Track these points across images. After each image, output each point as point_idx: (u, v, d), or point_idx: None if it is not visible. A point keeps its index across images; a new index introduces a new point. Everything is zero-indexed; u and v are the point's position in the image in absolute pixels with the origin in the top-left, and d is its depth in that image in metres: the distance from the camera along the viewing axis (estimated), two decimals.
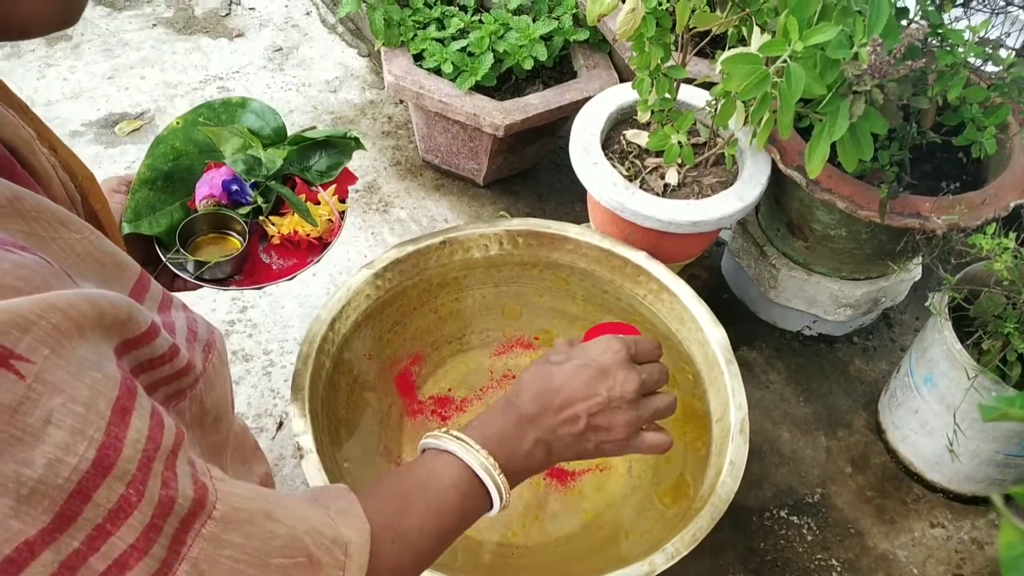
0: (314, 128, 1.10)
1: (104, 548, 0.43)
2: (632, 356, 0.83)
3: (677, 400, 0.87)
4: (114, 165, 2.14)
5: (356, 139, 1.08)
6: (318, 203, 1.06)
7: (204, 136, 1.04)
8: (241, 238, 1.03)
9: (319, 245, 1.06)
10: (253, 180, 1.04)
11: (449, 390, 1.56)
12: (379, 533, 0.61)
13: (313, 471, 1.24)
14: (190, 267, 0.98)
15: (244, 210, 1.04)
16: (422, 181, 2.17)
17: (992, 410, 0.47)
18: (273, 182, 1.05)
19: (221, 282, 1.01)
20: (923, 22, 1.39)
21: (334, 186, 1.08)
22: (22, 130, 0.56)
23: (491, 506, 0.72)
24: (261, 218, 1.05)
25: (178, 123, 1.05)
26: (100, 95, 2.31)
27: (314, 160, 1.09)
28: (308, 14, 2.63)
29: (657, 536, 1.32)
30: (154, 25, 2.55)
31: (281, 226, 1.05)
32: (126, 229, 0.93)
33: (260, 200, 1.05)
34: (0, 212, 0.47)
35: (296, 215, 1.04)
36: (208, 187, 1.01)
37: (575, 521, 1.42)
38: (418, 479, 0.69)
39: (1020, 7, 1.46)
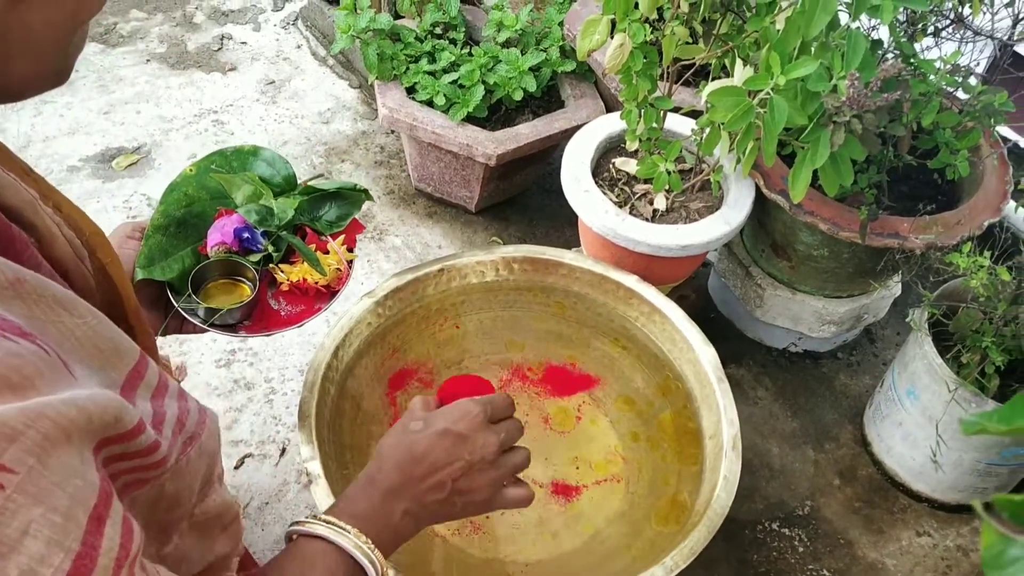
0: (321, 177, 1.14)
1: None
2: (488, 417, 0.86)
3: (530, 455, 0.91)
4: (112, 199, 2.19)
5: (365, 191, 1.11)
6: (327, 252, 1.09)
7: (216, 183, 1.07)
8: (251, 285, 1.05)
9: (327, 293, 1.09)
10: (265, 229, 1.07)
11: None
12: None
13: (322, 495, 1.28)
14: (201, 313, 1.01)
15: (255, 257, 1.06)
16: (415, 209, 2.23)
17: (973, 425, 0.50)
18: (285, 232, 1.08)
19: (231, 327, 1.04)
20: (897, 55, 1.46)
21: (343, 236, 1.11)
22: (24, 192, 0.57)
23: None
24: (271, 266, 1.08)
25: (191, 170, 1.08)
26: (96, 130, 2.36)
27: (324, 211, 1.11)
28: (299, 47, 2.68)
29: (656, 550, 1.36)
30: (148, 60, 2.60)
31: (291, 274, 1.07)
32: (139, 275, 0.95)
33: (271, 248, 1.07)
34: (1, 294, 0.48)
35: (305, 264, 1.07)
36: (220, 234, 1.03)
37: (577, 539, 1.47)
38: (294, 570, 0.70)
39: (988, 36, 1.53)
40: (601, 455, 1.55)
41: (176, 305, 0.98)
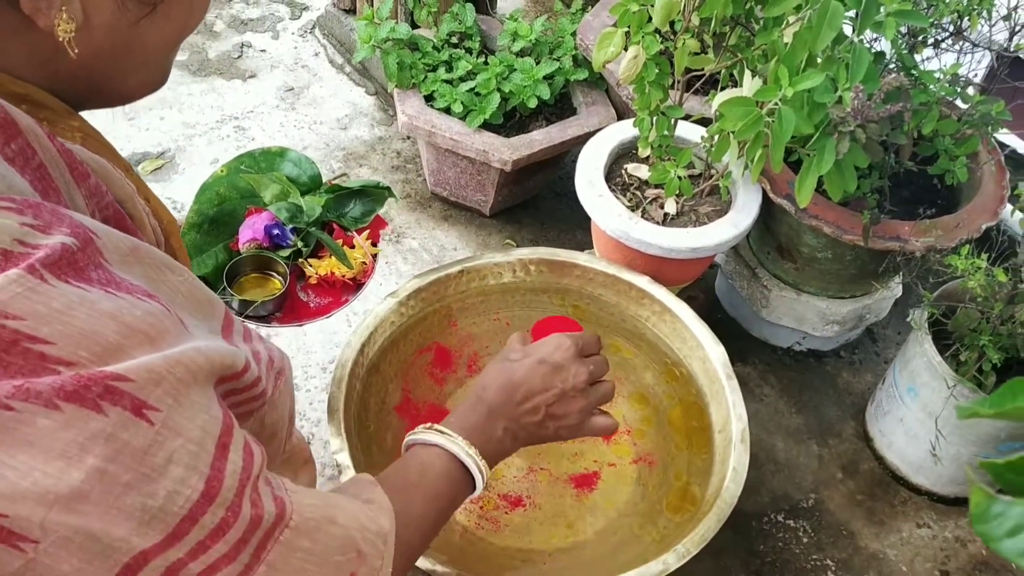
0: (344, 176, 1.20)
1: (203, 557, 0.51)
2: (579, 351, 0.96)
3: (614, 387, 1.01)
4: None
5: (388, 188, 1.17)
6: (352, 247, 1.15)
7: (246, 183, 1.13)
8: (282, 279, 1.11)
9: (353, 285, 1.15)
10: (294, 226, 1.12)
11: None
12: (398, 520, 0.71)
13: None
14: (236, 305, 1.06)
15: (285, 252, 1.12)
16: (431, 212, 2.29)
17: (966, 410, 0.56)
18: (313, 228, 1.14)
19: (264, 319, 1.10)
20: (899, 66, 1.52)
21: (367, 231, 1.17)
22: (128, 186, 0.65)
23: (474, 488, 0.84)
24: (300, 260, 1.14)
25: (222, 171, 1.14)
26: (122, 136, 2.43)
27: (350, 207, 1.18)
28: (317, 55, 2.75)
29: (667, 539, 1.43)
30: None
31: (319, 268, 1.13)
32: None
33: (300, 244, 1.13)
34: (125, 260, 0.55)
35: (333, 258, 1.13)
36: (251, 231, 1.09)
37: (591, 529, 1.53)
38: (414, 471, 0.79)
39: (986, 48, 1.60)
40: (617, 447, 1.62)
41: None
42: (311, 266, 1.13)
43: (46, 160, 0.54)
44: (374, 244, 1.17)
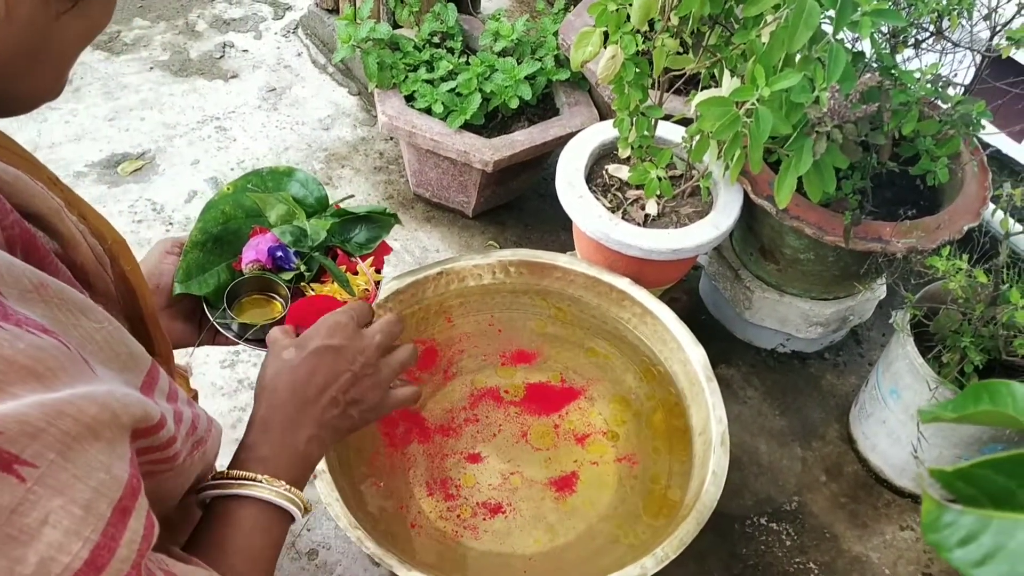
0: (352, 197, 1.18)
1: None
2: (357, 324, 0.85)
3: (417, 348, 0.90)
4: (117, 204, 2.24)
5: (394, 215, 1.14)
6: (356, 273, 1.13)
7: (252, 202, 1.11)
8: (283, 302, 1.09)
9: None
10: (298, 250, 1.10)
11: (450, 411, 1.66)
12: None
13: (327, 490, 1.34)
14: (235, 327, 1.05)
15: (287, 275, 1.10)
16: (413, 213, 2.28)
17: (928, 414, 0.54)
18: (317, 253, 1.12)
19: (262, 342, 1.08)
20: (879, 66, 1.51)
21: (371, 257, 1.15)
22: (51, 200, 0.60)
23: (293, 520, 0.74)
24: (302, 284, 1.12)
25: (228, 189, 1.12)
26: (102, 137, 2.41)
27: (355, 233, 1.15)
28: (299, 55, 2.74)
29: (647, 543, 1.42)
30: (151, 68, 2.65)
31: (320, 291, 1.11)
32: (177, 289, 0.98)
33: (303, 267, 1.11)
34: (26, 297, 0.50)
35: (335, 283, 1.11)
36: (254, 252, 1.07)
37: (571, 532, 1.52)
38: (227, 536, 0.70)
39: (967, 48, 1.59)
40: (594, 450, 1.61)
41: (211, 319, 1.02)
42: (313, 290, 1.10)
43: None
44: (377, 270, 1.14)
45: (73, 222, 0.62)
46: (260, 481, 0.72)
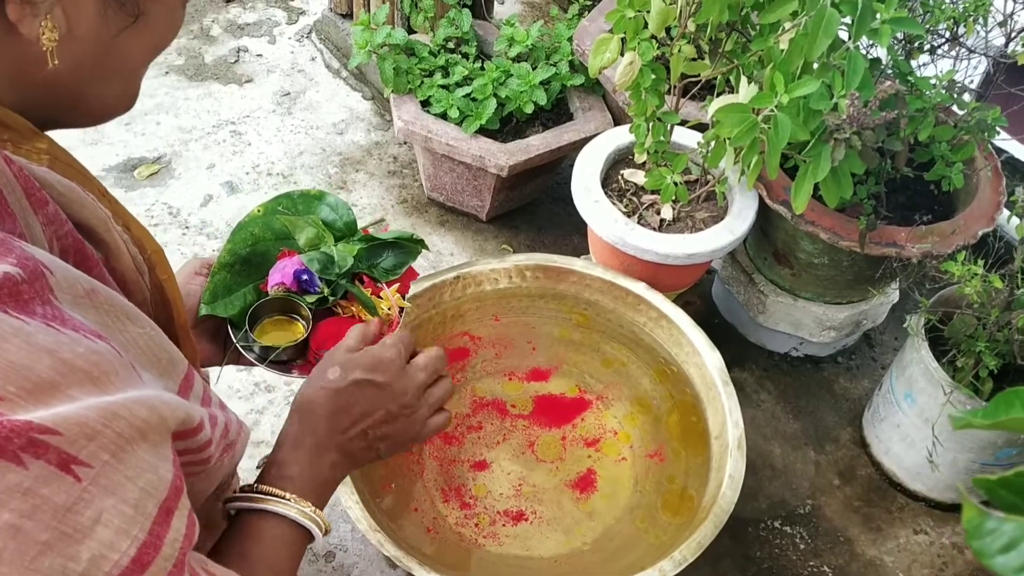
0: (382, 221, 1.17)
1: None
2: (403, 358, 0.85)
3: (452, 385, 0.90)
4: (134, 208, 2.25)
5: (421, 241, 1.14)
6: (380, 297, 1.12)
7: (281, 224, 1.11)
8: (305, 323, 1.10)
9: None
10: (325, 277, 1.10)
11: (468, 416, 1.67)
12: None
13: (346, 492, 1.35)
14: (257, 349, 1.05)
15: (311, 298, 1.10)
16: (427, 217, 2.29)
17: (960, 420, 0.55)
18: (344, 280, 1.12)
19: (284, 364, 1.08)
20: (894, 76, 1.52)
21: (398, 283, 1.15)
22: (100, 211, 0.62)
23: (313, 539, 0.76)
24: (331, 301, 1.12)
25: (259, 211, 1.12)
26: (118, 141, 2.43)
27: (382, 258, 1.15)
28: (313, 59, 2.75)
29: (664, 546, 1.43)
30: (167, 73, 2.67)
31: (346, 310, 1.11)
32: (204, 311, 0.99)
33: (327, 291, 1.11)
34: (79, 302, 0.52)
35: (359, 305, 1.11)
36: (280, 275, 1.07)
37: (590, 535, 1.53)
38: (253, 549, 0.72)
39: (982, 54, 1.60)
40: (611, 452, 1.62)
41: (235, 341, 1.02)
42: (340, 308, 1.10)
43: (1, 184, 0.51)
44: (403, 296, 1.14)
45: (118, 232, 0.64)
46: (288, 500, 0.74)
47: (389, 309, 1.09)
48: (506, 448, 1.62)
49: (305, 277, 1.07)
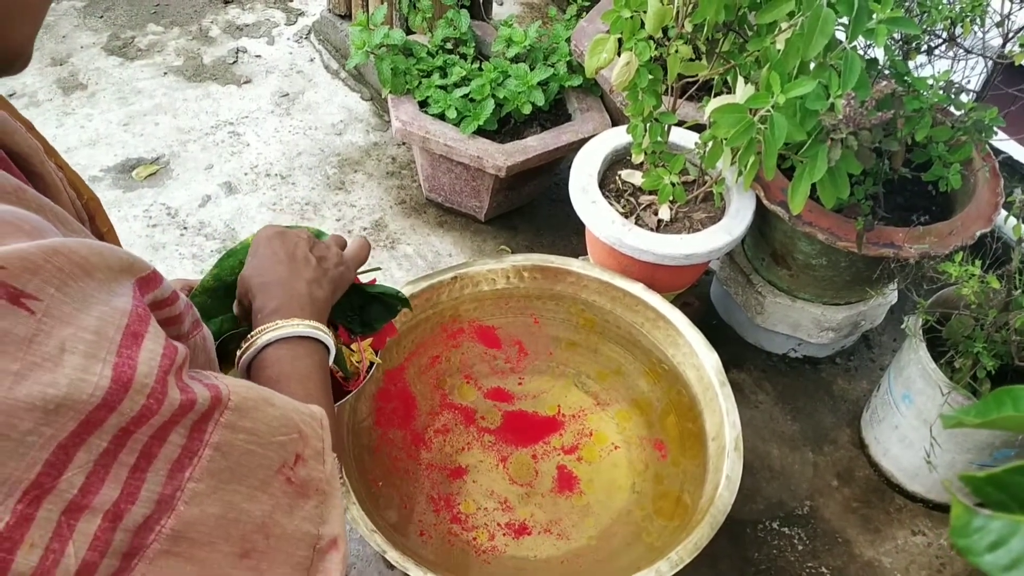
0: (378, 270, 1.15)
1: (129, 444, 0.49)
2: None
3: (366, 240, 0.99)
4: (132, 208, 2.25)
5: (405, 300, 1.11)
6: (351, 349, 1.09)
7: None
8: None
9: (344, 388, 1.10)
10: None
11: (472, 408, 1.67)
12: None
13: (344, 494, 1.35)
14: None
15: None
16: (426, 218, 2.29)
17: (951, 419, 0.55)
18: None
19: None
20: (891, 77, 1.52)
21: (371, 338, 1.11)
22: (32, 140, 0.61)
23: (329, 351, 0.81)
24: None
25: (251, 240, 1.10)
26: (116, 141, 2.43)
27: (362, 312, 1.12)
28: (312, 60, 2.75)
29: (661, 546, 1.43)
30: (165, 73, 2.67)
31: None
32: None
33: None
34: (6, 197, 0.51)
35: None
36: None
37: (585, 536, 1.53)
38: (271, 376, 0.75)
39: (979, 54, 1.59)
40: (607, 454, 1.61)
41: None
42: None
43: None
44: (375, 351, 1.11)
45: (52, 168, 0.63)
46: (280, 325, 0.78)
47: (358, 362, 1.04)
48: (489, 462, 1.62)
49: None
